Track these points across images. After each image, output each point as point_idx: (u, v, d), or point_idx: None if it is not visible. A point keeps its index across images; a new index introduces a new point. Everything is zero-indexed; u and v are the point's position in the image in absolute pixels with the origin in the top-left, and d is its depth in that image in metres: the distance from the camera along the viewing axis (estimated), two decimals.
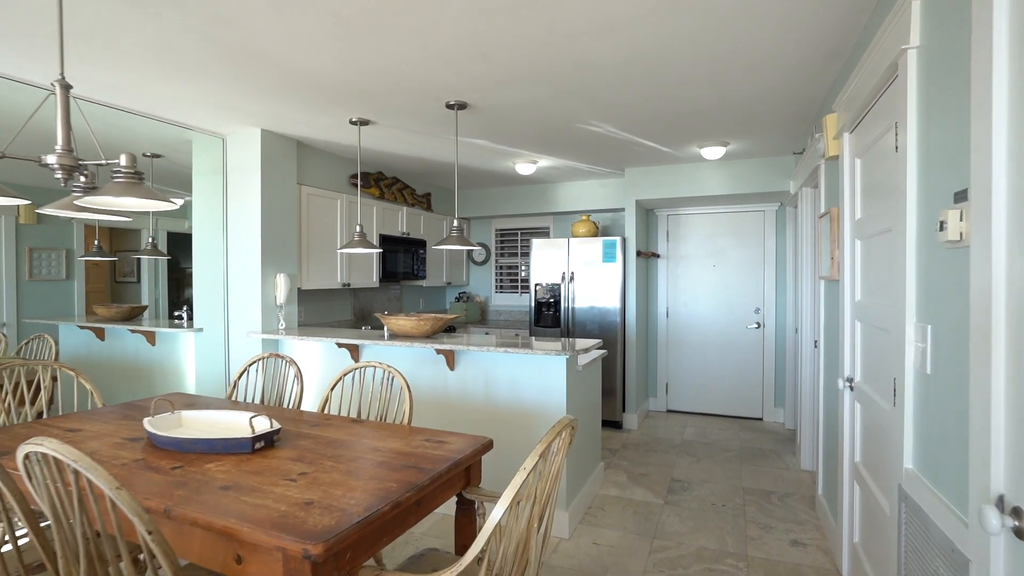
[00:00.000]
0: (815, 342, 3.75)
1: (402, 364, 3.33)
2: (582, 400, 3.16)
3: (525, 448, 2.99)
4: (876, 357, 2.02)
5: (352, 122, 3.47)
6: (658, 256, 5.60)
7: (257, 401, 3.49)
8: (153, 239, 4.43)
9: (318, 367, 3.65)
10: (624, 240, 4.94)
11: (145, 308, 4.64)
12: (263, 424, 1.96)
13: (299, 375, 2.65)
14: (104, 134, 3.75)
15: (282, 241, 3.83)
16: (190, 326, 4.05)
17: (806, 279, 3.81)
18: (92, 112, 3.25)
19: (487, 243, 6.46)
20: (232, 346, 3.82)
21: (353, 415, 3.29)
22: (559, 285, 5.12)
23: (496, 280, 6.45)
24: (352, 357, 3.47)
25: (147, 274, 7.02)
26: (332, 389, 2.53)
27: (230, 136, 3.79)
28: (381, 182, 4.92)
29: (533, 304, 5.24)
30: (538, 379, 2.94)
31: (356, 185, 4.62)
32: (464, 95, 3.00)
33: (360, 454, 1.83)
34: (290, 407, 2.60)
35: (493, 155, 4.44)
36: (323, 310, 4.70)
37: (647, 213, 5.61)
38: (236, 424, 2.08)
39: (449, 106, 3.13)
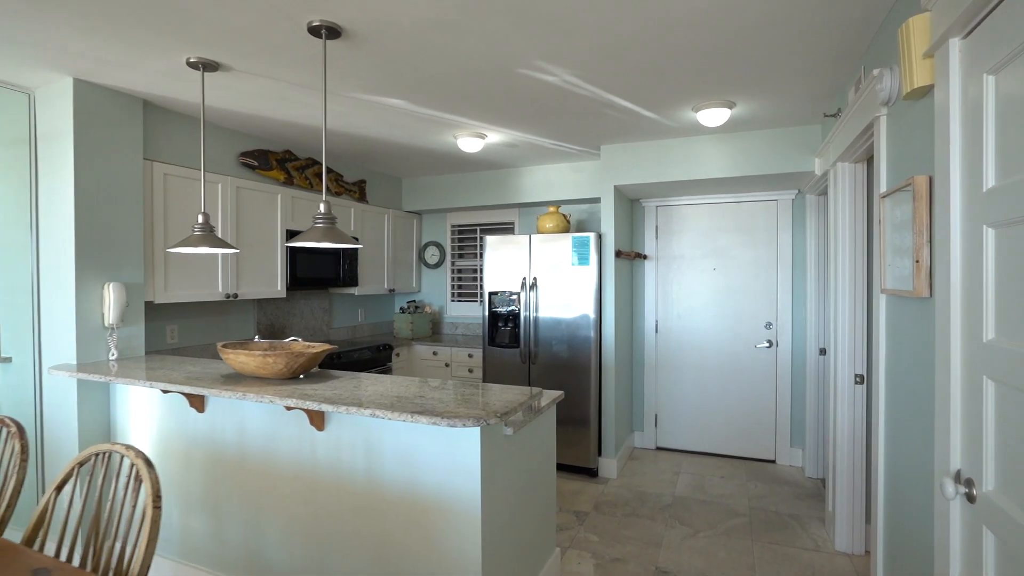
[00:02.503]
0: (858, 376, 2.69)
1: (259, 419, 2.26)
2: (514, 478, 2.09)
3: (421, 557, 1.92)
4: None
5: (191, 64, 2.39)
6: (645, 257, 4.53)
7: None
8: None
9: (154, 426, 2.57)
10: (600, 237, 3.87)
11: None
12: None
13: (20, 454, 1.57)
14: None
15: (116, 237, 2.75)
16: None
17: (842, 288, 2.75)
18: None
19: (441, 241, 5.38)
20: (45, 384, 2.74)
21: (81, 548, 2.19)
22: (518, 294, 4.05)
23: (452, 286, 5.37)
24: (196, 408, 2.40)
25: None
26: (59, 491, 1.45)
27: (39, 91, 2.71)
28: (288, 164, 3.85)
29: (487, 316, 4.17)
30: (441, 452, 1.87)
31: (249, 166, 3.55)
32: (330, 9, 1.93)
33: None
34: None
35: (419, 124, 3.37)
36: (210, 328, 3.63)
37: (631, 204, 4.54)
38: None
39: (314, 31, 2.07)
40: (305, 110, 3.09)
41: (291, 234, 3.84)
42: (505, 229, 5.14)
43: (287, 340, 2.58)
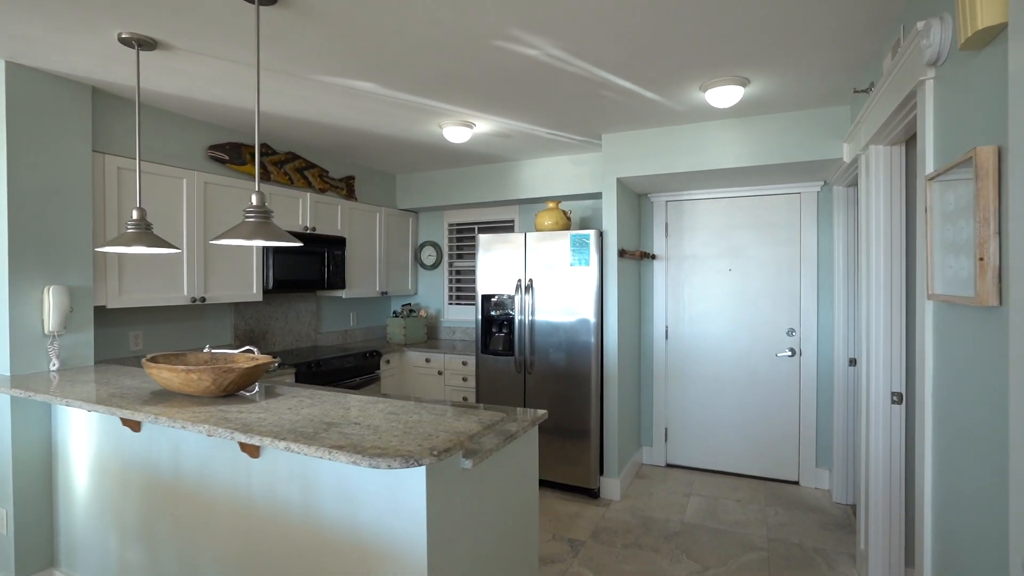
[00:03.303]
0: (895, 395, 2.30)
1: (193, 442, 1.98)
2: (478, 517, 1.77)
3: None
4: None
5: (123, 41, 2.13)
6: (653, 257, 4.16)
7: None
8: None
9: (93, 444, 2.31)
10: (601, 235, 3.52)
11: None
12: None
13: None
14: None
15: (59, 236, 2.51)
16: None
17: (876, 292, 2.36)
18: None
19: (438, 241, 5.09)
20: None
21: None
22: (513, 297, 3.73)
23: (449, 288, 5.07)
24: (130, 427, 2.13)
25: None
26: None
27: None
28: (264, 158, 3.59)
29: (480, 320, 3.86)
30: (383, 489, 1.56)
31: (219, 160, 3.29)
32: None
33: None
34: None
35: (399, 111, 3.07)
36: (182, 334, 3.39)
37: (638, 199, 4.18)
38: None
39: None
40: (277, 98, 2.82)
41: None
42: (505, 227, 4.82)
43: (239, 351, 2.30)
